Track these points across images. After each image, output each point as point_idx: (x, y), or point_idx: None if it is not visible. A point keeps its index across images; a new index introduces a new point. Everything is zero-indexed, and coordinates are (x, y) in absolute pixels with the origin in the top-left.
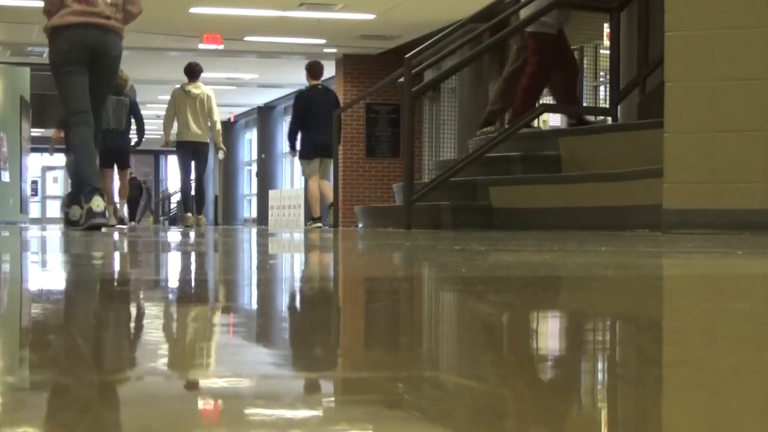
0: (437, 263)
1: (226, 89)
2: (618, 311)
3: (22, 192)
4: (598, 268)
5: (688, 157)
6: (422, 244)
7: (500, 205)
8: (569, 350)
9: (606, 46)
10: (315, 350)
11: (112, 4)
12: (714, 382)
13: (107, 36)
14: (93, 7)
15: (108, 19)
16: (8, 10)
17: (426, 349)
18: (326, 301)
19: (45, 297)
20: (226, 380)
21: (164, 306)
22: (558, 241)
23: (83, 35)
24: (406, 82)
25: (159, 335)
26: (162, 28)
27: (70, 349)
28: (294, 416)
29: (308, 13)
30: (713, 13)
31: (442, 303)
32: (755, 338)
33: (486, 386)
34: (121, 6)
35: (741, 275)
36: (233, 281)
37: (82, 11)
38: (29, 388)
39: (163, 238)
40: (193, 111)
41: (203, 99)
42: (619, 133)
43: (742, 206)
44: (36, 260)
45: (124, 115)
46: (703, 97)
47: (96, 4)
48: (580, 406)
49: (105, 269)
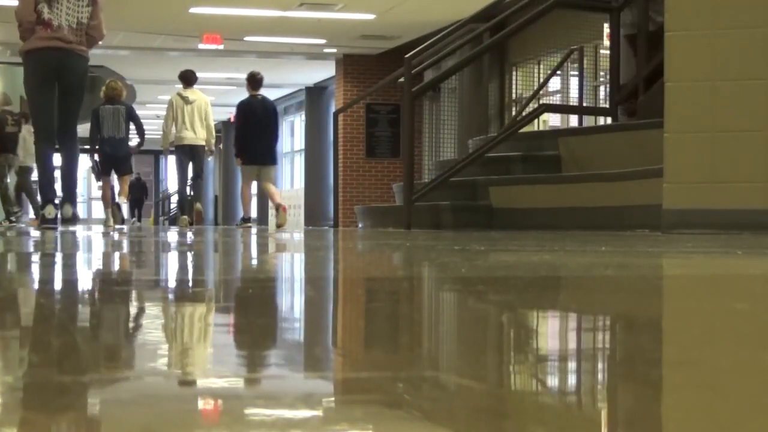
0: (437, 263)
1: (226, 89)
2: (618, 311)
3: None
4: (598, 268)
5: (688, 157)
6: (422, 244)
7: (500, 205)
8: (569, 350)
9: (606, 46)
10: (315, 350)
11: (76, 30)
12: (714, 382)
13: (69, 57)
14: (57, 33)
15: (70, 43)
16: (8, 10)
17: (426, 349)
18: (327, 301)
19: (46, 296)
20: (226, 380)
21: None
22: (558, 241)
23: (47, 57)
24: (406, 82)
25: (150, 334)
26: (162, 28)
27: (70, 349)
28: (294, 416)
29: (308, 13)
30: (713, 13)
31: (442, 303)
32: (755, 338)
33: (486, 386)
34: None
35: (741, 275)
36: (231, 281)
37: (47, 37)
38: (29, 387)
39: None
40: (191, 116)
41: (201, 105)
42: (619, 133)
43: (742, 206)
44: (42, 261)
45: (122, 122)
46: (703, 97)
47: (60, 30)
48: (581, 405)
49: (104, 268)
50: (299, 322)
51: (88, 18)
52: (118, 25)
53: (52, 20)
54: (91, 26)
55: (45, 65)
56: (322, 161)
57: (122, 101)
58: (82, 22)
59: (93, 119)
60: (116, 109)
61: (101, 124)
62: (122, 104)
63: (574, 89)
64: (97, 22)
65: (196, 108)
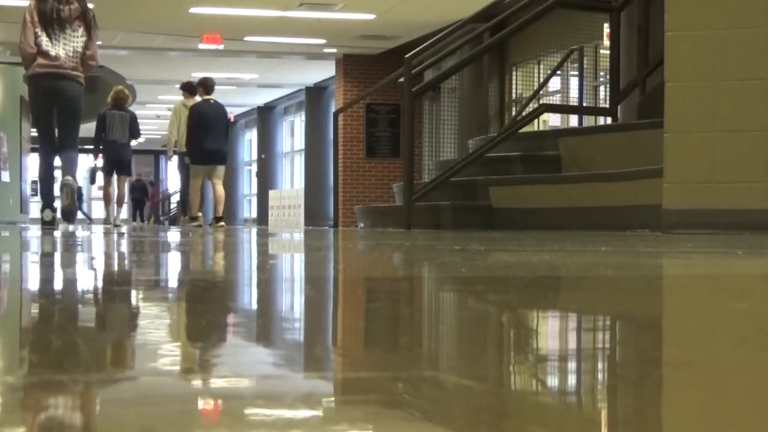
0: (437, 263)
1: (226, 89)
2: (618, 311)
3: (22, 192)
4: (598, 268)
5: (688, 157)
6: (422, 244)
7: (500, 205)
8: (569, 350)
9: (606, 46)
10: (315, 350)
11: (72, 58)
12: (714, 382)
13: (63, 81)
14: (55, 61)
15: (66, 69)
16: (8, 10)
17: (426, 349)
18: (327, 301)
19: (46, 297)
20: (226, 380)
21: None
22: (558, 241)
23: (46, 81)
24: (406, 82)
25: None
26: (162, 28)
27: (70, 348)
28: (294, 416)
29: (308, 13)
30: (713, 13)
31: (442, 303)
32: (755, 338)
33: (486, 386)
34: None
35: (741, 275)
36: (233, 281)
37: (46, 64)
38: (29, 387)
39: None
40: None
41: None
42: (619, 133)
43: (742, 206)
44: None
45: (127, 128)
46: (703, 97)
47: (58, 58)
48: (580, 405)
49: (106, 268)
50: (299, 322)
51: (83, 47)
52: (118, 25)
53: (50, 51)
54: (86, 55)
55: (44, 88)
56: (322, 161)
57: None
58: (78, 51)
59: (99, 122)
60: (122, 115)
61: (107, 127)
62: (128, 111)
63: (574, 89)
64: (92, 52)
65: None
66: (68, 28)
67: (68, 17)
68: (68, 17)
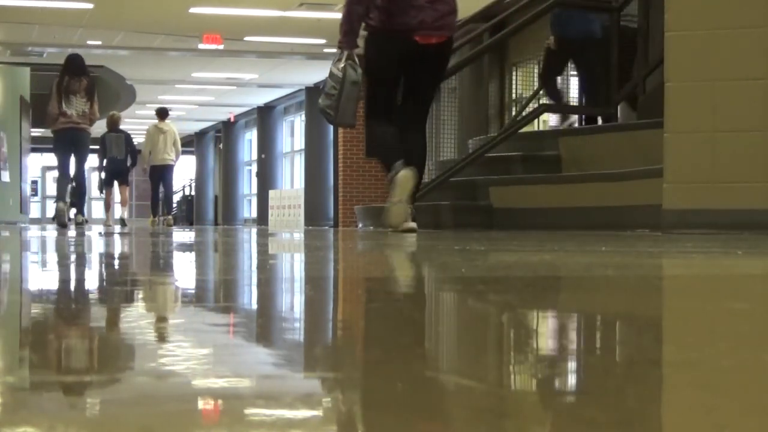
0: (437, 263)
1: (226, 89)
2: (618, 311)
3: (22, 192)
4: (598, 268)
5: (688, 157)
6: (422, 244)
7: (500, 205)
8: (569, 350)
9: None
10: (315, 350)
11: (81, 116)
12: (714, 382)
13: (76, 132)
14: (70, 119)
15: (78, 124)
16: (8, 10)
17: (426, 349)
18: (327, 301)
19: (47, 296)
20: (226, 380)
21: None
22: (558, 241)
23: (65, 133)
24: None
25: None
26: (162, 28)
27: (71, 348)
28: (294, 416)
29: (308, 13)
30: (713, 13)
31: (441, 303)
32: (755, 338)
33: (486, 386)
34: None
35: (741, 275)
36: (233, 281)
37: (65, 121)
38: (29, 387)
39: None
40: (164, 142)
41: (171, 133)
42: (619, 133)
43: (742, 206)
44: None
45: (123, 146)
46: (703, 97)
47: (72, 117)
48: (580, 405)
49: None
50: (299, 322)
51: (88, 108)
52: (118, 25)
53: (67, 111)
54: (90, 113)
55: (63, 138)
56: (322, 161)
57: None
58: (85, 111)
59: (101, 144)
60: (118, 136)
61: (107, 147)
62: (122, 132)
63: (574, 89)
64: (92, 112)
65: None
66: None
67: (78, 89)
68: (78, 89)
